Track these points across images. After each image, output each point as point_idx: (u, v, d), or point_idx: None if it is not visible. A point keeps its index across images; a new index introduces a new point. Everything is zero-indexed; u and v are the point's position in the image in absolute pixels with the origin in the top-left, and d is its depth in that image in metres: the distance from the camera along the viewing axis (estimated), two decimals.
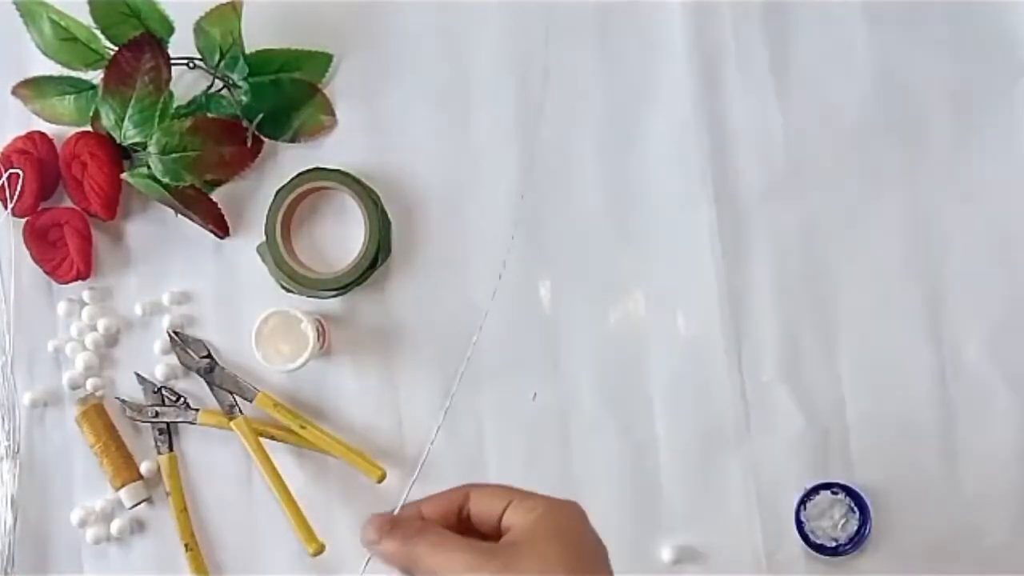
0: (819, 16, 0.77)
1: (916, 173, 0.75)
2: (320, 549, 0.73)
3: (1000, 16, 0.76)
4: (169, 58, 0.73)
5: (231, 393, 0.76)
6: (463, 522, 0.53)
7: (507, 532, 0.51)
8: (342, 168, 0.76)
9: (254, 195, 0.78)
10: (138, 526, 0.77)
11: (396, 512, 0.53)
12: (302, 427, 0.75)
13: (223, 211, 0.77)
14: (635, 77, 0.77)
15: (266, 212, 0.75)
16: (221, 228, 0.77)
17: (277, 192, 0.75)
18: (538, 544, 0.49)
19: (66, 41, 0.74)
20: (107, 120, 0.74)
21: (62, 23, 0.74)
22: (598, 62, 0.77)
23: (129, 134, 0.74)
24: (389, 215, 0.77)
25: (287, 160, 0.78)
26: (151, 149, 0.73)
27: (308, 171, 0.76)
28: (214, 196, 0.77)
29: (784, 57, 0.77)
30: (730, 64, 0.76)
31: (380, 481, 0.74)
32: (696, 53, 0.77)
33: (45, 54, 0.75)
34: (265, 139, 0.77)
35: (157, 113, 0.73)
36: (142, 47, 0.72)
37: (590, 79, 0.77)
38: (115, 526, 0.77)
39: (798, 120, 0.76)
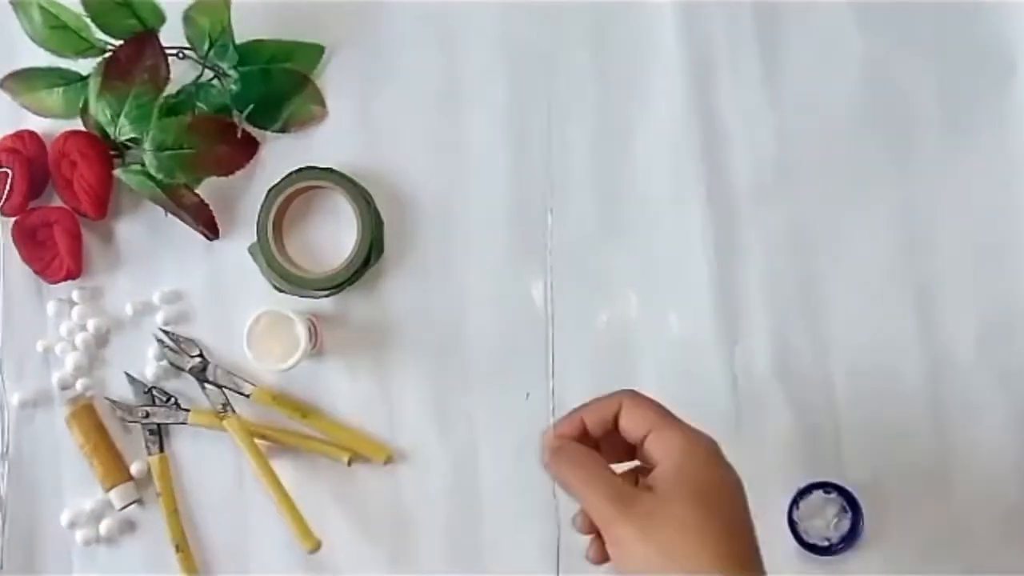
0: (809, 17, 0.77)
1: (906, 173, 0.76)
2: (317, 546, 0.73)
3: (988, 18, 0.76)
4: (167, 56, 0.73)
5: (224, 391, 0.76)
6: (616, 428, 0.58)
7: (648, 467, 0.56)
8: (334, 165, 0.75)
9: (245, 194, 0.77)
10: (128, 527, 0.77)
11: (554, 424, 0.60)
12: (304, 416, 0.75)
13: (214, 210, 0.77)
14: (627, 77, 0.77)
15: (257, 211, 0.75)
16: (211, 230, 0.77)
17: (269, 191, 0.75)
18: (673, 503, 0.53)
19: (56, 29, 0.74)
20: (102, 116, 0.74)
21: (52, 10, 0.74)
22: (590, 61, 0.77)
23: (124, 130, 0.73)
24: (381, 214, 0.76)
25: (278, 156, 0.77)
26: (146, 145, 0.73)
27: (300, 170, 0.75)
28: (205, 192, 0.76)
29: (775, 58, 0.77)
30: (721, 65, 0.77)
31: (387, 463, 0.75)
32: (687, 54, 0.77)
33: (35, 41, 0.74)
34: (258, 138, 0.77)
35: (155, 110, 0.73)
36: (143, 45, 0.73)
37: (582, 78, 0.77)
38: (105, 527, 0.76)
39: (789, 120, 0.76)
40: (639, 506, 0.53)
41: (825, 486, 0.73)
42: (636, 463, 0.59)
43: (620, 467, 0.58)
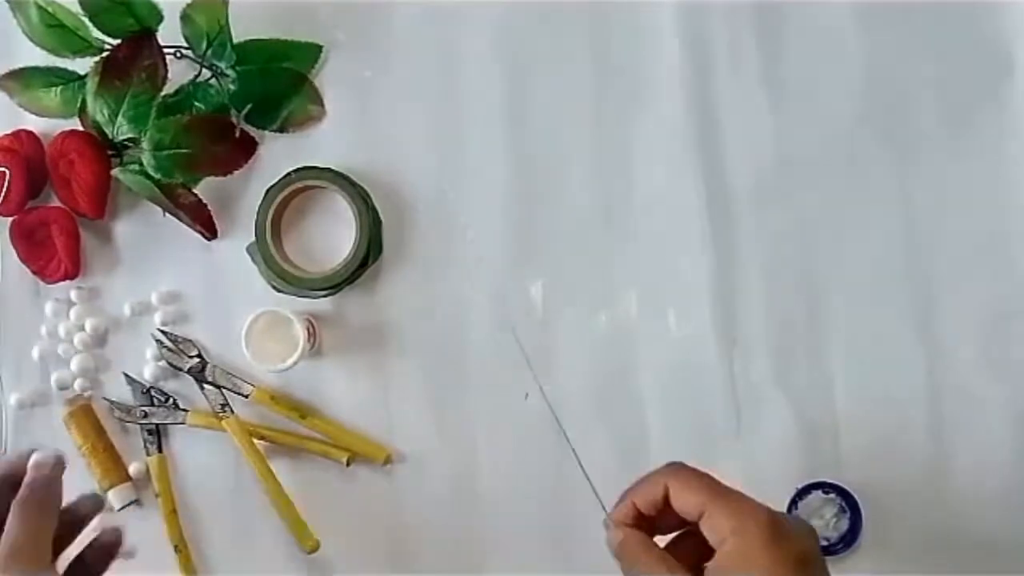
0: (809, 17, 0.77)
1: (906, 174, 0.76)
2: (316, 546, 0.73)
3: (987, 17, 0.76)
4: (165, 56, 0.73)
5: (223, 391, 0.75)
6: (668, 506, 0.57)
7: (711, 549, 0.55)
8: (332, 165, 0.75)
9: (243, 193, 0.77)
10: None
11: (610, 511, 0.59)
12: (303, 416, 0.75)
13: (212, 209, 0.77)
14: (627, 76, 0.77)
15: (256, 211, 0.75)
16: (209, 230, 0.77)
17: (267, 191, 0.75)
18: None
19: (53, 28, 0.74)
20: (100, 116, 0.74)
21: (49, 9, 0.74)
22: (590, 61, 0.77)
23: (122, 130, 0.73)
24: (380, 214, 0.76)
25: (276, 156, 0.77)
26: (144, 145, 0.73)
27: (298, 170, 0.75)
28: (203, 192, 0.76)
29: (775, 58, 0.77)
30: (722, 65, 0.76)
31: (386, 463, 0.75)
32: (688, 55, 0.77)
33: (32, 40, 0.74)
34: (255, 136, 0.77)
35: (153, 110, 0.73)
36: (140, 45, 0.73)
37: (582, 78, 0.77)
38: None
39: (789, 121, 0.76)
40: None
41: (824, 486, 0.73)
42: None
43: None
